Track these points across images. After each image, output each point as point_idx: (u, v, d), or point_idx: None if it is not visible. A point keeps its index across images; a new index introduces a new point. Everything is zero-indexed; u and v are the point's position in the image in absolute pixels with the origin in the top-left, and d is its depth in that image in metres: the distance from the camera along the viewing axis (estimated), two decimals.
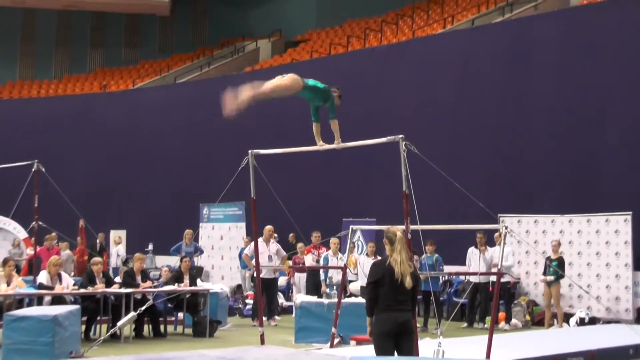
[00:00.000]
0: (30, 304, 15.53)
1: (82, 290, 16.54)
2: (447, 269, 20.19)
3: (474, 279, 19.90)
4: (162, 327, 17.68)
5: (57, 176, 20.60)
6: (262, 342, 14.01)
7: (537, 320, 20.49)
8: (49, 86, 41.90)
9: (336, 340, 14.89)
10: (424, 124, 25.31)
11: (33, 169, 19.27)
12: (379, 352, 9.10)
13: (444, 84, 26.59)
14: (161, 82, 39.42)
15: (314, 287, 20.45)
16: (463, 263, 20.31)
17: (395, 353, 9.12)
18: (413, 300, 9.45)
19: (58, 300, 16.00)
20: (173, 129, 33.75)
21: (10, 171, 20.35)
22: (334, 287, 18.30)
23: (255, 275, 16.25)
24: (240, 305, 22.14)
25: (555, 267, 18.81)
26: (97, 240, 27.51)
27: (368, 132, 13.61)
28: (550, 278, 19.11)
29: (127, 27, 45.34)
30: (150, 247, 28.50)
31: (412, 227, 11.70)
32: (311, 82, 12.67)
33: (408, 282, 9.10)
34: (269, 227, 20.03)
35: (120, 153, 34.52)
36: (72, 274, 22.02)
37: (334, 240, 20.22)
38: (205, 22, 46.37)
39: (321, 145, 12.70)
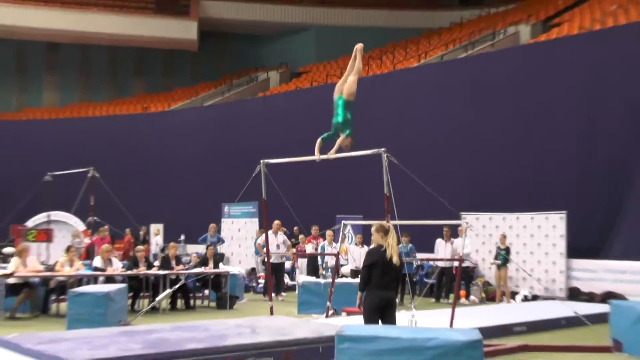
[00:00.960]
0: (88, 283, 15.63)
1: (129, 272, 16.69)
2: (419, 255, 20.24)
3: (440, 264, 19.99)
4: (191, 302, 17.81)
5: (109, 180, 20.76)
6: (272, 313, 14.15)
7: (490, 297, 20.52)
8: (101, 108, 41.88)
9: (330, 312, 15.01)
10: (403, 139, 25.37)
11: (89, 175, 19.40)
12: (367, 322, 9.16)
13: (419, 107, 26.69)
14: (191, 105, 39.41)
15: (313, 270, 20.55)
16: (432, 251, 20.41)
17: (380, 323, 9.19)
18: (398, 280, 9.55)
19: (109, 279, 16.11)
20: (200, 142, 33.81)
21: (71, 176, 20.45)
22: (329, 270, 18.48)
23: (265, 260, 16.41)
24: (254, 284, 22.25)
25: (504, 255, 18.96)
26: (141, 232, 27.65)
27: (358, 145, 13.68)
28: (499, 261, 19.25)
29: (164, 60, 45.40)
30: (182, 237, 28.53)
31: (392, 222, 11.86)
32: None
33: (396, 260, 9.23)
34: (277, 222, 20.15)
35: (158, 162, 34.55)
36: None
37: (329, 233, 20.31)
38: (226, 56, 46.38)
39: (318, 157, 12.69)
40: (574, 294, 19.90)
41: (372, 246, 9.62)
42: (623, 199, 20.76)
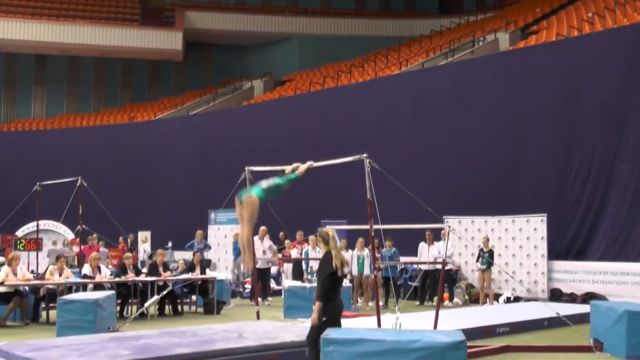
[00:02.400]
0: (77, 290, 15.55)
1: (117, 279, 16.60)
2: (403, 259, 20.25)
3: (424, 267, 19.97)
4: (179, 307, 17.71)
5: (97, 189, 20.63)
6: (258, 317, 14.08)
7: (473, 299, 20.53)
8: (89, 118, 41.84)
9: None
10: (385, 145, 25.42)
11: (78, 184, 19.28)
12: (317, 332, 8.35)
13: (400, 113, 26.74)
14: (177, 115, 39.36)
15: (298, 274, 20.48)
16: (415, 254, 20.40)
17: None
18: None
19: (98, 287, 16.04)
20: (186, 151, 33.78)
21: (60, 186, 20.30)
22: (314, 274, 18.42)
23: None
24: (240, 290, 22.19)
25: (487, 258, 18.96)
26: (128, 240, 27.55)
27: (341, 152, 13.66)
28: (483, 267, 19.24)
29: (150, 71, 45.40)
30: (170, 244, 28.43)
31: (375, 226, 11.84)
32: (258, 190, 11.15)
33: (346, 270, 8.82)
34: (263, 228, 20.08)
35: (145, 170, 34.50)
36: (110, 266, 22.02)
37: (311, 238, 20.28)
38: (211, 66, 46.39)
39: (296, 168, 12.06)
40: (556, 295, 19.94)
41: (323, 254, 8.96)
42: (602, 201, 20.83)
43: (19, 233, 28.01)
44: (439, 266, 16.69)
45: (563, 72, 22.55)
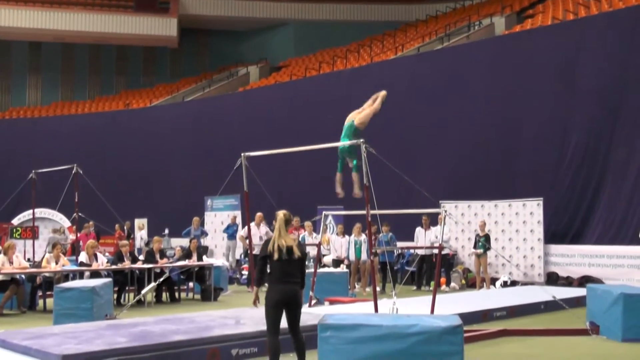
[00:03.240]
0: (74, 278, 15.53)
1: (114, 267, 16.60)
2: (400, 244, 20.29)
3: (420, 251, 20.02)
4: (176, 294, 17.73)
5: (92, 176, 20.61)
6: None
7: (470, 283, 20.60)
8: (84, 105, 41.78)
9: (313, 302, 15.00)
10: (381, 130, 25.40)
11: (73, 171, 19.24)
12: (267, 318, 8.30)
13: (396, 98, 26.59)
14: (172, 101, 39.33)
15: None
16: (412, 239, 20.42)
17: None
18: (302, 272, 8.44)
19: (95, 274, 16.03)
20: (182, 137, 33.73)
21: (55, 173, 20.25)
22: (311, 260, 18.44)
23: (249, 251, 16.36)
24: (238, 276, 22.21)
25: (483, 242, 19.00)
26: (125, 227, 27.58)
27: (337, 137, 13.68)
28: (480, 251, 19.27)
29: (145, 57, 45.28)
30: (167, 231, 28.47)
31: (372, 212, 11.86)
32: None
33: (296, 253, 8.27)
34: (259, 214, 20.06)
35: (141, 157, 34.48)
36: (107, 253, 22.05)
37: (307, 224, 20.31)
38: (206, 52, 46.26)
39: (340, 192, 13.46)
40: (552, 279, 20.00)
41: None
42: (598, 185, 20.87)
43: (15, 221, 28.00)
44: (436, 251, 16.73)
45: (559, 56, 22.55)
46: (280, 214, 8.47)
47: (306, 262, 8.49)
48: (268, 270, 8.39)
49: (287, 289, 8.25)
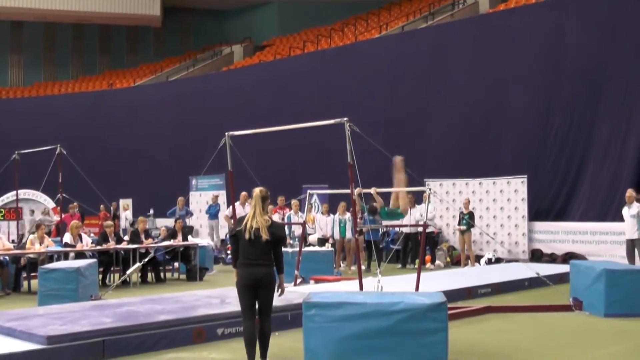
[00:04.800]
0: (58, 259, 15.50)
1: (98, 247, 16.59)
2: (385, 223, 20.29)
3: (405, 230, 20.06)
4: (162, 274, 17.73)
5: (76, 157, 20.54)
6: None
7: (455, 261, 20.68)
8: (67, 85, 41.60)
9: (299, 280, 15.03)
10: (365, 108, 25.43)
11: (57, 152, 19.17)
12: (240, 300, 7.90)
13: (380, 77, 26.72)
14: (156, 81, 39.20)
15: None
16: None
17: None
18: (275, 254, 7.94)
19: (80, 255, 16.01)
20: (166, 117, 33.67)
21: (38, 154, 20.16)
22: (296, 239, 18.48)
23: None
24: (223, 256, 22.22)
25: (467, 219, 19.07)
26: (110, 208, 27.53)
27: (321, 116, 13.62)
28: (463, 227, 19.35)
29: (128, 37, 45.06)
30: (151, 211, 28.44)
31: (356, 190, 11.89)
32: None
33: (263, 235, 7.75)
34: (244, 193, 20.03)
35: (125, 137, 34.38)
36: (92, 234, 22.01)
37: (294, 202, 20.28)
38: (190, 31, 46.07)
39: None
40: (537, 256, 20.12)
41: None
42: (581, 162, 20.96)
43: None
44: (421, 229, 16.78)
45: (543, 34, 22.57)
46: (257, 190, 8.09)
47: (281, 244, 8.19)
48: None
49: (254, 272, 7.77)
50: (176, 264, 18.64)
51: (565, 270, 14.10)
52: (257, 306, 7.86)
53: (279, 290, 8.06)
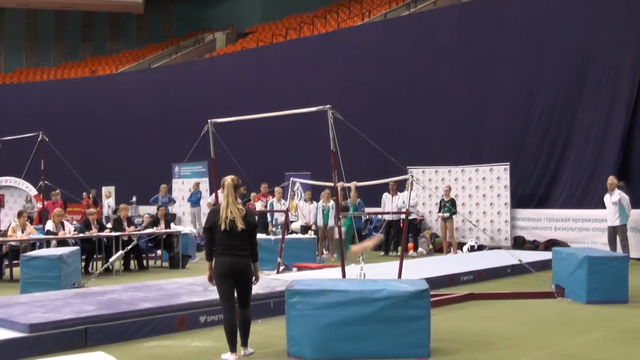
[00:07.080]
0: (40, 247, 15.43)
1: (81, 235, 16.51)
2: (367, 210, 20.33)
3: (388, 217, 20.08)
4: (144, 262, 17.68)
5: (58, 144, 20.41)
6: None
7: (438, 248, 20.70)
8: (49, 72, 41.44)
9: (281, 268, 15.01)
10: (349, 96, 25.41)
11: (39, 139, 19.05)
12: (218, 290, 7.86)
13: (363, 64, 26.69)
14: (138, 68, 39.10)
15: (263, 226, 20.44)
16: (379, 205, 20.46)
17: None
18: (250, 242, 7.88)
19: (62, 243, 15.94)
20: (149, 104, 33.59)
21: (20, 141, 20.04)
22: (279, 227, 18.46)
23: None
24: None
25: (449, 206, 19.09)
26: (92, 195, 27.44)
27: (304, 104, 13.66)
28: (445, 215, 19.37)
29: (110, 23, 44.93)
30: (134, 199, 28.38)
31: (340, 183, 11.87)
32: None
33: (239, 225, 7.70)
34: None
35: (107, 124, 34.30)
36: (75, 222, 21.91)
37: (277, 190, 20.24)
38: (172, 18, 45.97)
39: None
40: (519, 243, 20.17)
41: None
42: (564, 149, 21.01)
43: None
44: (403, 216, 16.79)
45: (526, 22, 22.59)
46: (228, 179, 8.04)
47: (256, 232, 8.12)
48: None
49: (232, 261, 7.72)
50: (159, 252, 18.59)
51: (548, 258, 14.15)
52: (235, 295, 7.81)
53: (254, 278, 8.01)
